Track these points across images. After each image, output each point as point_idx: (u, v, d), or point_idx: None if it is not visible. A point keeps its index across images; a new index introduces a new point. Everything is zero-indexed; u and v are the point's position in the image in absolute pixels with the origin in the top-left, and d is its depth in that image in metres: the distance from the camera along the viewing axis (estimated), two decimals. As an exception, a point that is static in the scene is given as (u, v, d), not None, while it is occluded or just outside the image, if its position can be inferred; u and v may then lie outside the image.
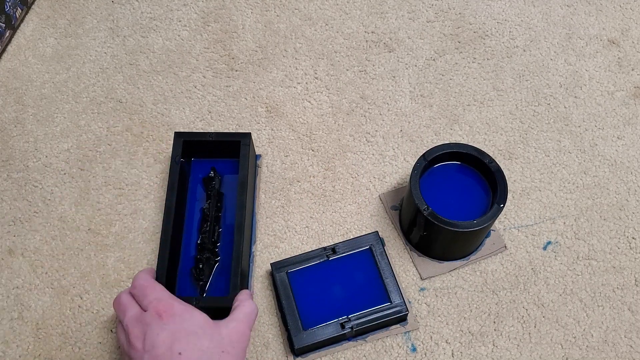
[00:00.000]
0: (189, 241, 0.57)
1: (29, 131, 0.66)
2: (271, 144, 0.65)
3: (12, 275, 0.58)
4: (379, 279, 0.54)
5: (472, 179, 0.56)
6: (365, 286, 0.54)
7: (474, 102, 0.68)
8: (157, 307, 0.45)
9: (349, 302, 0.54)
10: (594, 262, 0.58)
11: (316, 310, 0.53)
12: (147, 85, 0.69)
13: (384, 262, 0.55)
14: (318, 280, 0.55)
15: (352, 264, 0.56)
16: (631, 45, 0.71)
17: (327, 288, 0.54)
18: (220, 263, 0.56)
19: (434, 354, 0.54)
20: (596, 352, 0.54)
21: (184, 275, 0.55)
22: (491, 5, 0.74)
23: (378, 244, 0.56)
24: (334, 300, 0.54)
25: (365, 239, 0.57)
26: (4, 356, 0.54)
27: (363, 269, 0.55)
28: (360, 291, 0.54)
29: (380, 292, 0.54)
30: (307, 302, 0.54)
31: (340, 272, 0.55)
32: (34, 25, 0.73)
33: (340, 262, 0.56)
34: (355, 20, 0.73)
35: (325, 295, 0.54)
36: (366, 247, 0.56)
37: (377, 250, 0.56)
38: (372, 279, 0.55)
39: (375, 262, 0.55)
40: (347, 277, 0.55)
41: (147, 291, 0.47)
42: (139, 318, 0.45)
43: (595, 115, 0.67)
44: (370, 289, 0.54)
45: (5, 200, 0.62)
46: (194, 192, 0.59)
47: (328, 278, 0.55)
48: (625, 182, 0.63)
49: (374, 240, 0.56)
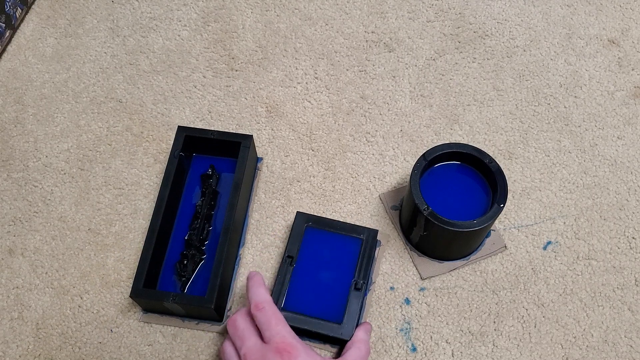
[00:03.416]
0: (179, 236, 0.57)
1: (29, 131, 0.66)
2: (271, 143, 0.65)
3: (12, 275, 0.58)
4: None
5: (472, 179, 0.56)
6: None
7: (474, 102, 0.68)
8: (281, 345, 0.45)
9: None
10: (594, 262, 0.58)
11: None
12: (147, 85, 0.69)
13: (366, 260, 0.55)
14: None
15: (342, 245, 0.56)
16: (631, 45, 0.71)
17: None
18: (206, 261, 0.56)
19: (434, 354, 0.54)
20: (596, 352, 0.54)
21: (169, 269, 0.55)
22: (491, 5, 0.74)
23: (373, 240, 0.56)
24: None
25: (365, 230, 0.56)
26: (4, 356, 0.54)
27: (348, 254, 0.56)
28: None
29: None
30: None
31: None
32: (34, 25, 0.73)
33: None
34: (355, 20, 0.73)
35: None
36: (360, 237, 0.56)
37: (368, 245, 0.56)
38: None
39: (360, 255, 0.55)
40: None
41: (271, 323, 0.46)
42: (260, 350, 0.45)
43: (595, 115, 0.67)
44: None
45: (5, 200, 0.62)
46: (192, 187, 0.60)
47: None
48: (625, 182, 0.63)
49: (370, 235, 0.56)
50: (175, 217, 0.58)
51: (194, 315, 0.55)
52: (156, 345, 0.55)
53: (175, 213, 0.58)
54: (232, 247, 0.56)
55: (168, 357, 0.54)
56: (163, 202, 0.55)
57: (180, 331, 0.55)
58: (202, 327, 0.55)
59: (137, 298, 0.52)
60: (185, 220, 0.58)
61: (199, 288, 0.55)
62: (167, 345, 0.55)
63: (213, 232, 0.58)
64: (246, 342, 0.46)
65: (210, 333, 0.55)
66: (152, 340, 0.55)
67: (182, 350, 0.54)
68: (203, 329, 0.55)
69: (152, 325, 0.55)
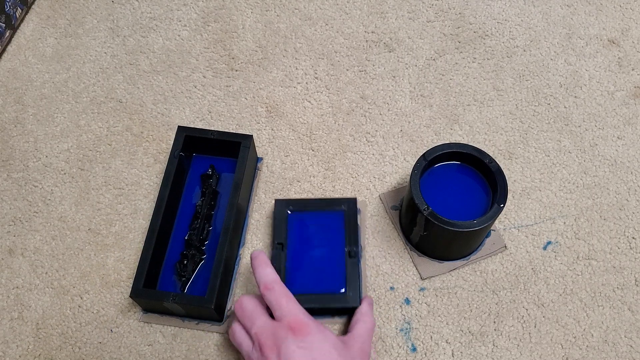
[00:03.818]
0: (179, 236, 0.57)
1: (29, 131, 0.66)
2: (271, 143, 0.65)
3: (12, 275, 0.58)
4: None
5: (472, 179, 0.56)
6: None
7: (474, 102, 0.68)
8: (293, 323, 0.45)
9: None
10: (594, 262, 0.58)
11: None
12: (147, 85, 0.69)
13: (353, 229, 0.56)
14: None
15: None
16: (631, 45, 0.71)
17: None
18: (206, 261, 0.56)
19: (434, 354, 0.54)
20: (596, 352, 0.54)
21: (169, 268, 0.55)
22: (491, 5, 0.74)
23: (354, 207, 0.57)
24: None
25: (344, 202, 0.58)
26: (4, 356, 0.54)
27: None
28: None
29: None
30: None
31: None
32: (34, 25, 0.73)
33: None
34: (355, 20, 0.73)
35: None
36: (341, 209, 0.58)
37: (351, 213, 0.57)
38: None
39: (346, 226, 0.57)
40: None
41: (281, 301, 0.46)
42: (272, 329, 0.45)
43: (595, 115, 0.67)
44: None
45: (5, 200, 0.62)
46: (192, 187, 0.60)
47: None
48: (625, 182, 0.63)
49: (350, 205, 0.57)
50: (175, 217, 0.58)
51: (194, 315, 0.55)
52: (156, 345, 0.55)
53: (175, 213, 0.58)
54: (232, 247, 0.56)
55: (168, 357, 0.54)
56: (163, 202, 0.55)
57: (180, 331, 0.55)
58: (202, 327, 0.55)
59: (137, 298, 0.52)
60: (185, 221, 0.58)
61: (199, 288, 0.55)
62: (167, 345, 0.55)
63: (213, 232, 0.58)
64: (257, 321, 0.46)
65: (210, 333, 0.55)
66: (152, 340, 0.55)
67: (182, 350, 0.54)
68: (203, 329, 0.55)
69: (152, 325, 0.55)
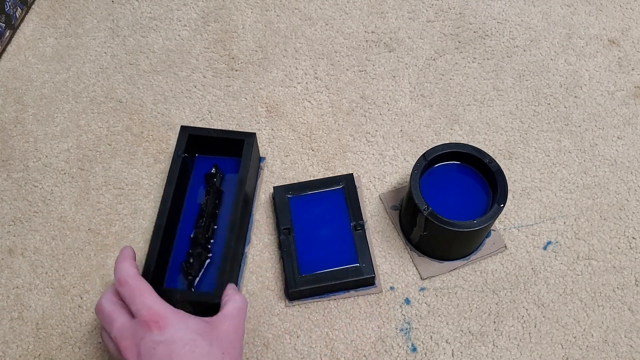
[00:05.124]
0: (185, 236, 0.57)
1: (29, 131, 0.66)
2: (271, 143, 0.65)
3: (12, 275, 0.58)
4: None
5: (472, 179, 0.56)
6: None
7: (474, 102, 0.68)
8: (148, 317, 0.42)
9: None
10: (594, 262, 0.58)
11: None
12: (147, 85, 0.69)
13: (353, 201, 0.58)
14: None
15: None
16: (631, 45, 0.71)
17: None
18: (212, 260, 0.56)
19: (434, 354, 0.54)
20: (596, 352, 0.54)
21: (175, 268, 0.55)
22: (491, 5, 0.74)
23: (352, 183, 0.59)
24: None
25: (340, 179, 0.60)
26: (4, 356, 0.54)
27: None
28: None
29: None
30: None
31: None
32: (34, 25, 0.73)
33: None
34: (355, 20, 0.73)
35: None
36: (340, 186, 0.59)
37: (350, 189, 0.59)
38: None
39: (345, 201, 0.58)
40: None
41: (135, 296, 0.44)
42: (130, 328, 0.43)
43: (595, 115, 0.67)
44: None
45: (5, 200, 0.62)
46: (196, 188, 0.59)
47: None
48: (625, 182, 0.63)
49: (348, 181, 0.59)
50: (180, 218, 0.58)
51: (200, 315, 0.54)
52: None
53: (180, 213, 0.58)
54: (239, 243, 0.56)
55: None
56: (168, 201, 0.54)
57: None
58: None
59: None
60: (190, 221, 0.58)
61: (205, 287, 0.54)
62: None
63: (218, 231, 0.57)
64: (115, 323, 0.43)
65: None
66: (152, 340, 0.55)
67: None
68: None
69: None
